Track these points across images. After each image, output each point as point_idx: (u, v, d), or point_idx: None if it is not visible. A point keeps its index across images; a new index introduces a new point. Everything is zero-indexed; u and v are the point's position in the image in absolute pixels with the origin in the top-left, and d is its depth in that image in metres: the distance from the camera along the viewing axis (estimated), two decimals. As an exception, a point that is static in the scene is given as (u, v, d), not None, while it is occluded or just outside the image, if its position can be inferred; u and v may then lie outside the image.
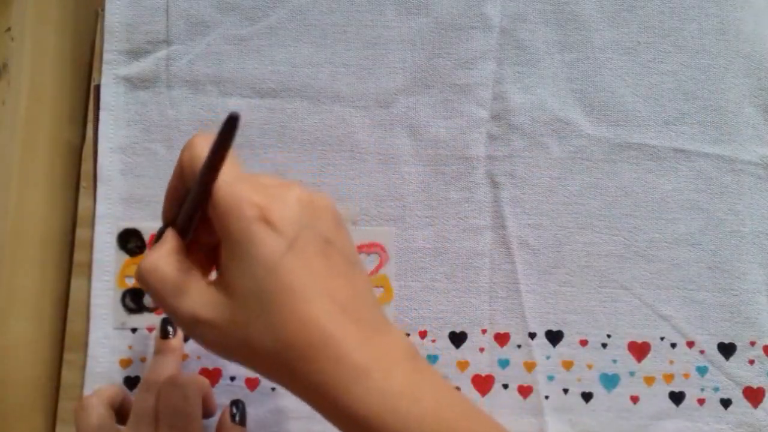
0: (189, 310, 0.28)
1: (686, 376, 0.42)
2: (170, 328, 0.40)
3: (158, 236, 0.31)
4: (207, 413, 0.39)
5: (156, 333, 0.41)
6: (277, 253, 0.26)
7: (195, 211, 0.29)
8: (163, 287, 0.28)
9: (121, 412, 0.37)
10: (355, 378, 0.26)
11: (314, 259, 0.27)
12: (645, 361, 0.42)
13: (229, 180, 0.27)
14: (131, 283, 0.41)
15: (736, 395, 0.42)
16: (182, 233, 0.29)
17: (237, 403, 0.38)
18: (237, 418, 0.38)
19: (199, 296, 0.28)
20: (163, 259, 0.28)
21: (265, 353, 0.27)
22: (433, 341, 0.42)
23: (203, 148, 0.28)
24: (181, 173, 0.29)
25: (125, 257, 0.41)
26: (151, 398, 0.35)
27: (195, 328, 0.28)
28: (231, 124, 0.26)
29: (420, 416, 0.27)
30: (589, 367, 0.42)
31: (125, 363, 0.41)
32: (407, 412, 0.27)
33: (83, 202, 0.43)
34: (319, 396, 0.27)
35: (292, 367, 0.27)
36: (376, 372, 0.27)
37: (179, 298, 0.28)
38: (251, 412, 0.39)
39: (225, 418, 0.38)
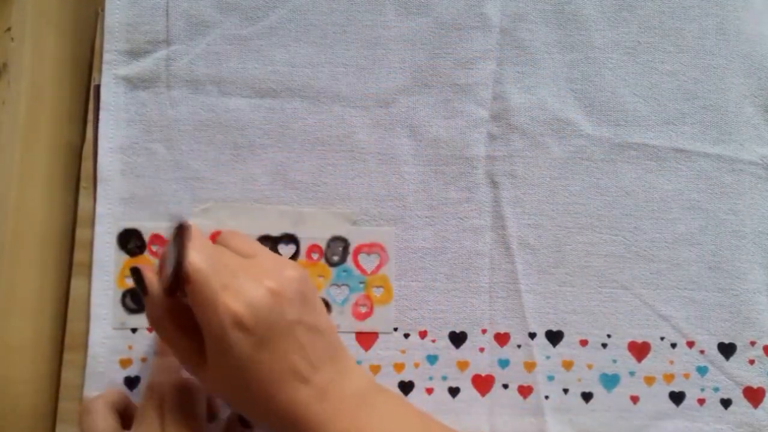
0: (184, 363, 0.34)
1: (686, 376, 0.42)
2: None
3: (136, 278, 0.34)
4: (210, 415, 0.39)
5: (156, 334, 0.41)
6: (250, 351, 0.31)
7: (178, 276, 0.32)
8: (167, 342, 0.34)
9: (124, 416, 0.37)
10: (312, 428, 0.32)
11: (281, 343, 0.32)
12: (645, 361, 0.42)
13: (206, 283, 0.31)
14: (131, 283, 0.41)
15: (737, 395, 0.42)
16: (173, 288, 0.33)
17: None
18: (245, 420, 0.38)
19: (193, 357, 0.33)
20: (160, 319, 0.34)
21: (240, 410, 0.35)
22: (433, 341, 0.42)
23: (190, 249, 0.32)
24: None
25: (125, 257, 0.41)
26: (155, 401, 0.35)
27: (192, 374, 0.34)
28: (180, 234, 0.32)
29: None
30: (589, 367, 0.42)
31: (125, 363, 0.41)
32: None
33: (83, 202, 0.43)
34: None
35: (263, 421, 0.34)
36: (327, 420, 0.32)
37: (179, 353, 0.34)
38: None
39: (233, 420, 0.38)
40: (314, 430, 0.32)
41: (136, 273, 0.34)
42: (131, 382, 0.41)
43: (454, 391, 0.42)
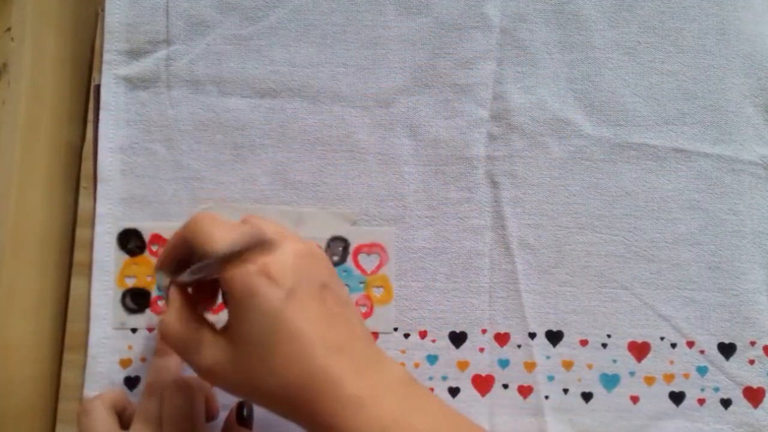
0: (203, 363, 0.31)
1: (686, 376, 0.42)
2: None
3: (165, 291, 0.34)
4: (209, 415, 0.39)
5: (156, 333, 0.41)
6: (278, 302, 0.29)
7: (205, 278, 0.32)
8: (180, 346, 0.32)
9: (123, 416, 0.37)
10: (350, 409, 0.29)
11: (311, 304, 0.30)
12: (645, 361, 0.42)
13: (232, 239, 0.30)
14: (131, 283, 0.41)
15: (736, 395, 0.42)
16: (186, 284, 0.33)
17: (243, 404, 0.38)
18: (243, 419, 0.38)
19: (210, 350, 0.31)
20: (174, 321, 0.32)
21: (270, 393, 0.30)
22: (433, 341, 0.42)
23: (211, 228, 0.31)
24: (186, 241, 0.32)
25: (125, 257, 0.41)
26: (154, 401, 0.35)
27: (211, 378, 0.32)
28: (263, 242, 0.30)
29: None
30: (589, 367, 0.42)
31: (125, 363, 0.41)
32: None
33: (83, 202, 0.43)
34: (320, 427, 0.30)
35: (295, 402, 0.30)
36: (369, 402, 0.29)
37: (194, 354, 0.31)
38: (257, 412, 0.39)
39: (231, 419, 0.38)
40: (354, 411, 0.29)
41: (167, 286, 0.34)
42: (131, 382, 0.41)
43: (454, 391, 0.42)
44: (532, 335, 0.42)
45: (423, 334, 0.42)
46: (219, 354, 0.31)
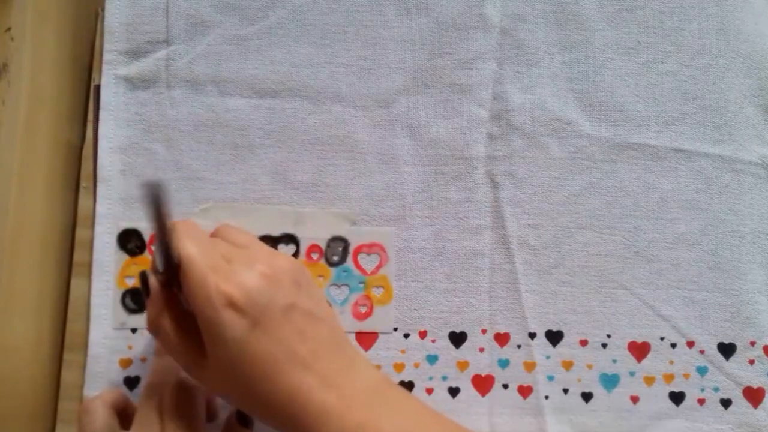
0: (185, 364, 0.33)
1: (686, 376, 0.42)
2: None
3: (142, 281, 0.34)
4: (209, 415, 0.39)
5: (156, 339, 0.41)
6: (245, 332, 0.31)
7: (170, 265, 0.32)
8: (166, 346, 0.34)
9: (123, 416, 0.37)
10: (319, 419, 0.31)
11: (277, 328, 0.32)
12: (645, 361, 0.42)
13: (197, 265, 0.31)
14: (131, 283, 0.41)
15: (736, 395, 0.42)
16: (168, 281, 0.33)
17: None
18: (244, 420, 0.38)
19: (193, 356, 0.33)
20: (160, 321, 0.33)
21: (246, 404, 0.33)
22: (433, 341, 0.42)
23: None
24: None
25: (125, 257, 0.41)
26: (154, 401, 0.35)
27: (194, 376, 0.34)
28: (151, 194, 0.30)
29: None
30: (589, 367, 0.42)
31: (125, 363, 0.41)
32: None
33: (83, 202, 0.43)
34: None
35: (270, 414, 0.32)
36: (335, 411, 0.31)
37: (179, 355, 0.33)
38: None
39: (232, 419, 0.38)
40: (322, 421, 0.31)
41: (143, 276, 0.34)
42: (131, 382, 0.41)
43: (454, 391, 0.42)
44: (532, 335, 0.42)
45: (423, 334, 0.42)
46: (199, 364, 0.33)
